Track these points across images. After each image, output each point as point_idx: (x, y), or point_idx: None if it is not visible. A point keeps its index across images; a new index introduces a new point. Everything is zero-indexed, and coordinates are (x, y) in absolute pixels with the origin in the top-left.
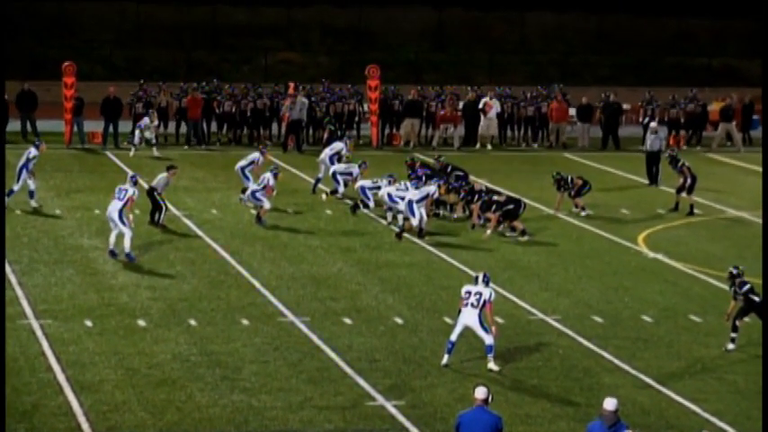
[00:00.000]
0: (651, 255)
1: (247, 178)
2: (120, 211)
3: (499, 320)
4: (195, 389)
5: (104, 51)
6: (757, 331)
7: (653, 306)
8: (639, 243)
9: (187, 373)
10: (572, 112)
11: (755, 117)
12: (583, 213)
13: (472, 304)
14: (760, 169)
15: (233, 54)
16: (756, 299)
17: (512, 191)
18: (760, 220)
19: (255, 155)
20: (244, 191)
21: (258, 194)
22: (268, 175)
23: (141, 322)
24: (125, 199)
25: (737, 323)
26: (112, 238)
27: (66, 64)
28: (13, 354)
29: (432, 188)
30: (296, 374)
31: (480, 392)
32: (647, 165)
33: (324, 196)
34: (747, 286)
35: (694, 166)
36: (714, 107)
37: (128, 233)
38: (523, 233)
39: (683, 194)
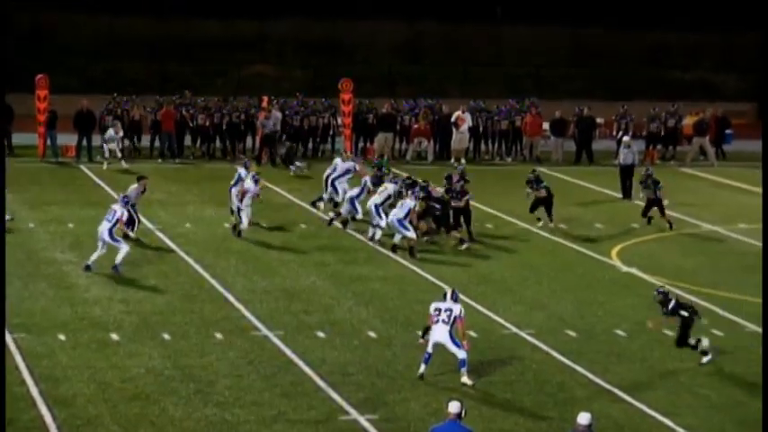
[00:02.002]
0: (625, 269)
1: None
2: (111, 231)
3: (473, 334)
4: (169, 403)
5: (79, 63)
6: (730, 345)
7: (626, 320)
8: (613, 257)
9: (160, 388)
10: (546, 126)
11: (729, 131)
12: (539, 223)
13: (443, 321)
14: (734, 183)
15: (206, 67)
16: (684, 313)
17: (486, 205)
18: (734, 235)
19: (241, 170)
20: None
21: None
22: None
23: (114, 336)
24: (113, 220)
25: (691, 342)
26: (94, 256)
27: (39, 76)
28: None
29: (410, 202)
30: (270, 388)
31: (453, 407)
32: (621, 179)
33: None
34: (672, 303)
35: (668, 181)
36: (688, 121)
37: (124, 248)
38: (461, 242)
39: (658, 215)
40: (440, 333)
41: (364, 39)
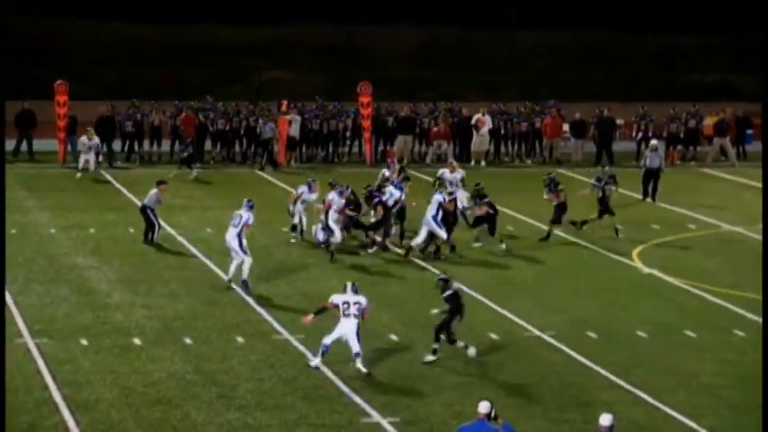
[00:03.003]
0: (646, 270)
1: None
2: (239, 237)
3: (494, 337)
4: (191, 407)
5: (92, 71)
6: (751, 346)
7: (648, 322)
8: (634, 258)
9: (183, 392)
10: (565, 127)
11: (749, 131)
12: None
13: (354, 314)
14: (755, 184)
15: (221, 73)
16: (446, 307)
17: (506, 207)
18: (756, 236)
19: (303, 188)
20: (294, 228)
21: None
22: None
23: (137, 341)
24: (240, 225)
25: (442, 336)
26: (232, 268)
27: (58, 82)
28: (9, 373)
29: (438, 196)
30: (291, 392)
31: (483, 407)
32: (644, 180)
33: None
34: (449, 292)
35: (689, 182)
36: (708, 122)
37: (248, 261)
38: (373, 244)
39: (601, 218)
40: (349, 326)
41: (380, 44)
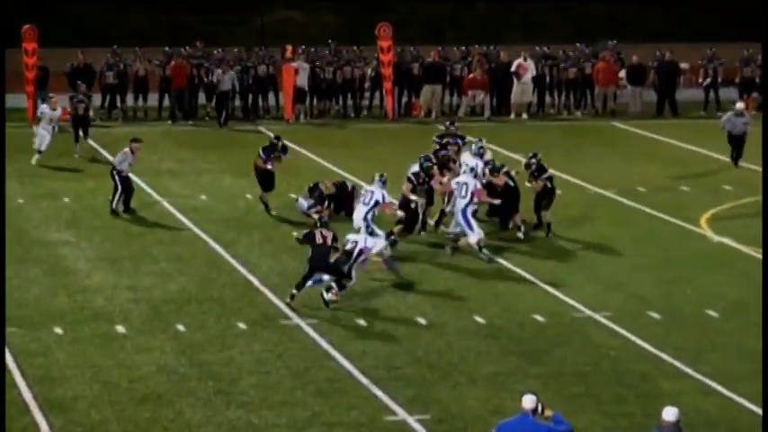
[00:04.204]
0: (716, 239)
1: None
2: (367, 217)
3: (539, 319)
4: (185, 405)
5: (64, 13)
6: None
7: (719, 299)
8: (702, 225)
9: (175, 387)
10: (621, 74)
11: None
12: (519, 234)
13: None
14: None
15: (223, 14)
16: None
17: (552, 168)
18: None
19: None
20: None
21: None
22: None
23: (120, 329)
24: (371, 202)
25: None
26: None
27: (25, 27)
28: None
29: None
30: (302, 386)
31: (528, 401)
32: (730, 146)
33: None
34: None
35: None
36: None
37: (380, 242)
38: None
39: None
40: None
41: None
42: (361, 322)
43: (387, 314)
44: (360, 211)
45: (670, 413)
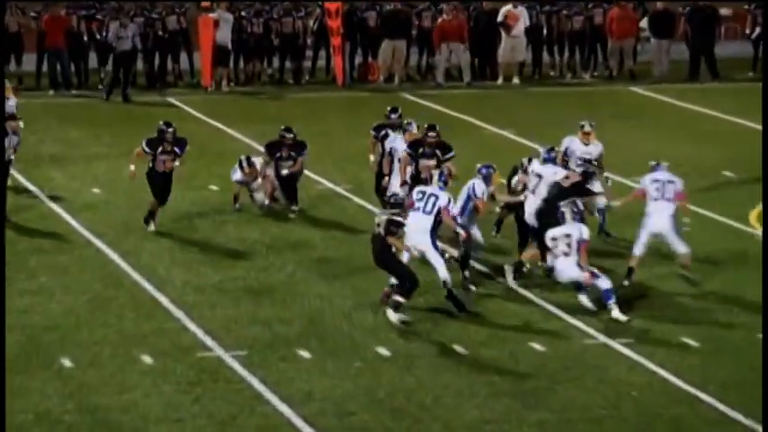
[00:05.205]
0: None
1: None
2: (433, 233)
3: (538, 348)
4: None
5: None
6: None
7: None
8: (752, 222)
9: None
10: (643, 23)
11: None
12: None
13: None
14: None
15: None
16: None
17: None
18: None
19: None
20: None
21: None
22: None
23: None
24: (433, 211)
25: None
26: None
27: None
28: None
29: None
30: None
31: None
32: None
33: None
34: None
35: None
36: None
37: (441, 268)
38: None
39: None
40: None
41: None
42: (305, 354)
43: (339, 343)
44: (422, 223)
45: None
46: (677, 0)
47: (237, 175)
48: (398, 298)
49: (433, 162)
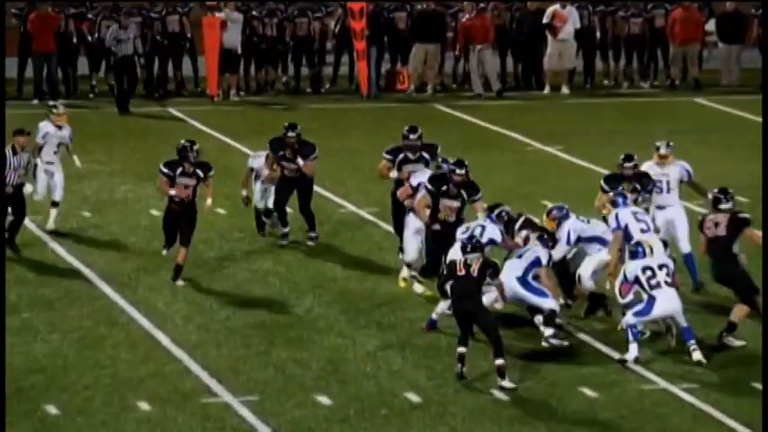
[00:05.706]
0: None
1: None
2: (526, 280)
3: (589, 393)
4: None
5: None
6: None
7: None
8: None
9: None
10: (709, 25)
11: None
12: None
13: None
14: None
15: None
16: None
17: (607, 168)
18: None
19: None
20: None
21: None
22: None
23: None
24: (527, 263)
25: None
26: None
27: None
28: None
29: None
30: None
31: None
32: None
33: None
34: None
35: None
36: None
37: (548, 304)
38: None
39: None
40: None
41: None
42: (324, 400)
43: (362, 387)
44: (513, 277)
45: None
46: (749, 0)
47: (257, 162)
48: (502, 361)
49: (456, 204)
